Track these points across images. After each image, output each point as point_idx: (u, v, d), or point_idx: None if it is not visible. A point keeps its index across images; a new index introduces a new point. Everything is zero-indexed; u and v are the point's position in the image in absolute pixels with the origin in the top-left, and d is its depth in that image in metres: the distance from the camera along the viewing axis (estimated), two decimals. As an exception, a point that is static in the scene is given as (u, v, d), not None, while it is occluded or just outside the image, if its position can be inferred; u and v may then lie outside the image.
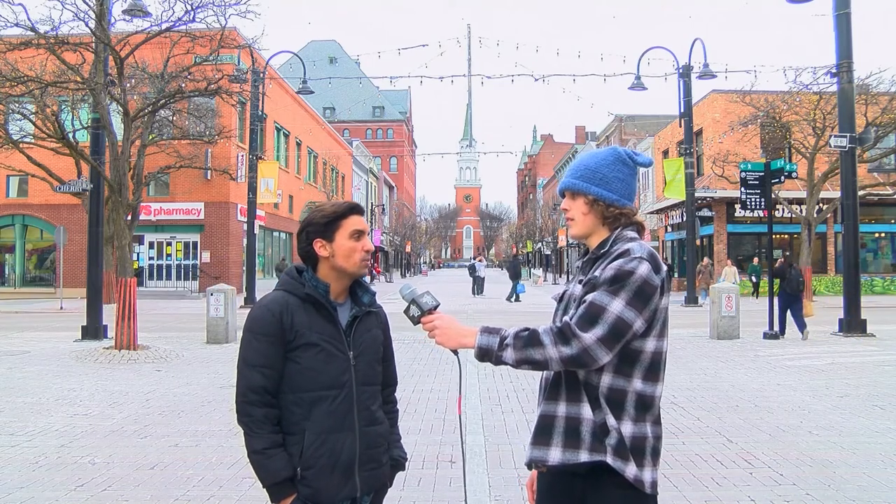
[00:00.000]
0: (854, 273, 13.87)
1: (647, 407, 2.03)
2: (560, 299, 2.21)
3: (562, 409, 2.05)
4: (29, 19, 11.78)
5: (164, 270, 30.90)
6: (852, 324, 13.55)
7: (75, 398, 8.02)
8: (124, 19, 12.77)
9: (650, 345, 2.03)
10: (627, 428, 1.99)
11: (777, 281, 13.34)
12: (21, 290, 29.94)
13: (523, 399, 7.80)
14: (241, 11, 12.84)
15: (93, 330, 13.48)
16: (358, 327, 2.30)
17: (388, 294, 25.96)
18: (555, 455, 2.02)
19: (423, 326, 2.16)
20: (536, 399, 2.19)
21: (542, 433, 2.07)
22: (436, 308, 2.16)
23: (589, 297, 1.99)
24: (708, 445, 5.93)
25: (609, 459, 1.97)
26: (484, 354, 2.03)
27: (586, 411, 2.01)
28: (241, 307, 18.28)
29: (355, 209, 2.32)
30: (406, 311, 2.18)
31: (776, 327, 13.29)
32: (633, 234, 2.14)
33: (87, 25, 12.19)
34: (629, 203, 2.15)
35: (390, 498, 3.98)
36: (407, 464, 2.55)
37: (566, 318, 2.01)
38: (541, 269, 67.96)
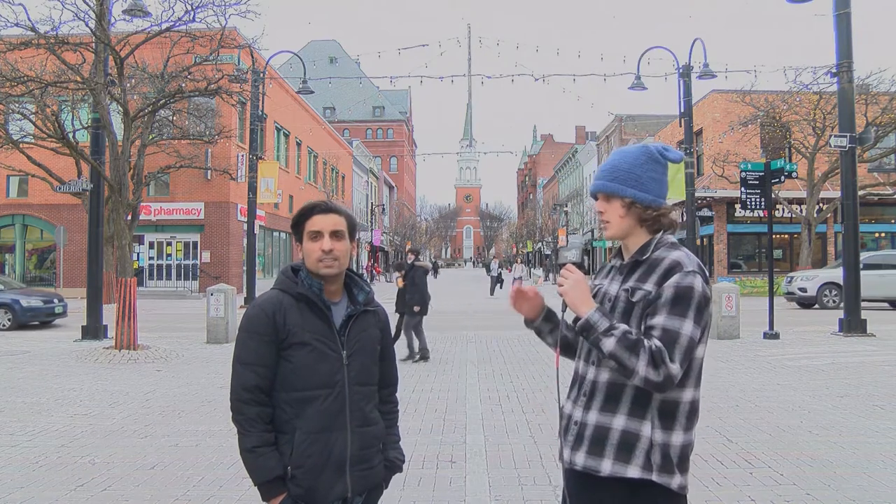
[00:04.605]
0: (854, 273, 13.86)
1: (695, 413, 2.08)
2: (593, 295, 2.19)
3: (619, 421, 2.05)
4: (29, 19, 11.78)
5: (164, 270, 30.93)
6: (852, 324, 13.54)
7: (75, 398, 8.03)
8: (124, 19, 12.76)
9: (700, 351, 2.05)
10: (678, 438, 2.03)
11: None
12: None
13: (523, 399, 7.78)
14: (241, 11, 12.85)
15: (93, 330, 13.48)
16: (353, 326, 2.29)
17: (388, 294, 25.89)
18: (606, 466, 2.04)
19: (561, 273, 2.19)
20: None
21: (596, 443, 2.07)
22: (577, 266, 2.24)
23: (660, 324, 1.98)
24: (708, 445, 5.92)
25: (655, 477, 2.00)
26: (587, 328, 2.02)
27: (641, 427, 2.03)
28: (241, 307, 18.27)
29: (315, 209, 2.29)
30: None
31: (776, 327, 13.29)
32: (672, 238, 2.14)
33: (87, 25, 12.19)
34: (664, 202, 2.14)
35: (391, 498, 3.98)
36: (406, 464, 2.54)
37: (657, 342, 1.96)
38: (541, 269, 67.93)
